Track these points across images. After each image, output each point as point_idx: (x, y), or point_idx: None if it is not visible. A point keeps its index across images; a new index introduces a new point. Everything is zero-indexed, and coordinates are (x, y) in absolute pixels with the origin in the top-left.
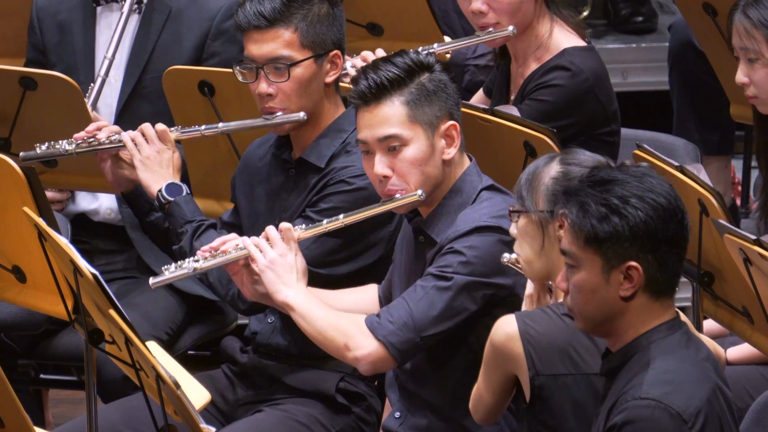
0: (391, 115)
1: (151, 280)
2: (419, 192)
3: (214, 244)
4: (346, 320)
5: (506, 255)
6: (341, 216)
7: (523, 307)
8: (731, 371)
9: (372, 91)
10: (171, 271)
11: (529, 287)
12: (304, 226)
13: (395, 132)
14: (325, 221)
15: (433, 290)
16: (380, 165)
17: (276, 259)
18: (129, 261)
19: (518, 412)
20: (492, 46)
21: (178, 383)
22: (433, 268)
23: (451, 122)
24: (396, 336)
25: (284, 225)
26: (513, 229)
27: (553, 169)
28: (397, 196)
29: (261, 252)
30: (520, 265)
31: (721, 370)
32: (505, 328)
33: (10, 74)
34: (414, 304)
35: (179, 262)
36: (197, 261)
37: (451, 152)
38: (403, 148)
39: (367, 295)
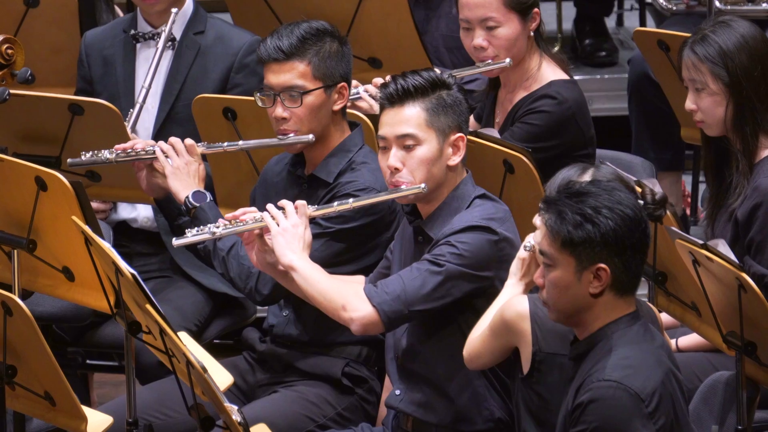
0: (411, 117)
1: (174, 241)
2: (423, 185)
3: (236, 213)
4: (345, 285)
5: (528, 242)
6: (351, 200)
7: (512, 267)
8: (682, 357)
9: (399, 93)
10: (193, 234)
11: (522, 252)
12: (316, 206)
13: (412, 131)
14: (335, 203)
15: (426, 272)
16: (394, 158)
17: (288, 227)
18: (163, 262)
19: (513, 382)
20: (489, 76)
21: (205, 368)
22: (429, 255)
23: (460, 134)
24: (388, 305)
25: (300, 201)
26: (537, 221)
27: (585, 178)
28: (403, 187)
29: (275, 221)
30: (535, 252)
31: (673, 356)
32: (517, 306)
33: (61, 101)
34: (408, 281)
35: (201, 227)
36: (217, 227)
37: (455, 160)
38: (416, 147)
39: (354, 282)
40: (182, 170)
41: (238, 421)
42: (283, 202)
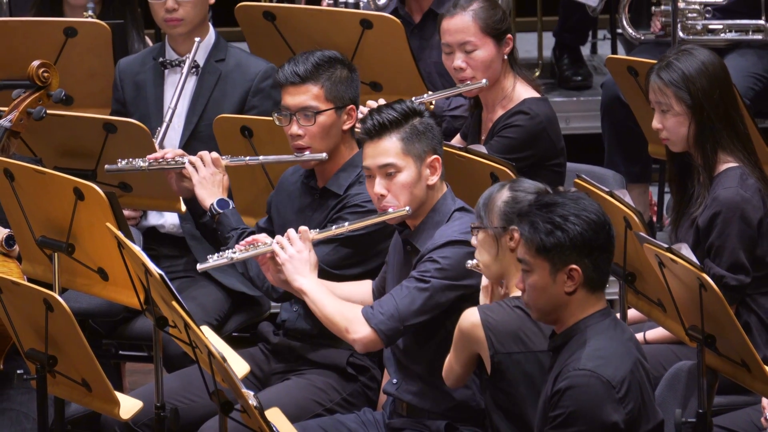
0: (389, 148)
1: (198, 266)
2: (407, 208)
3: (249, 239)
4: (347, 309)
5: (470, 261)
6: (346, 223)
7: (480, 297)
8: (649, 348)
9: (376, 128)
10: (214, 260)
11: (484, 281)
12: (318, 229)
13: (392, 161)
14: (333, 226)
15: (415, 290)
16: (379, 186)
17: (294, 254)
18: (188, 264)
19: (482, 383)
20: (469, 95)
21: (224, 358)
22: (416, 272)
23: (435, 156)
24: (384, 324)
25: (302, 228)
26: (474, 241)
27: (504, 194)
28: (390, 210)
29: (282, 248)
30: (480, 268)
31: (641, 348)
32: (470, 318)
33: (96, 121)
34: (399, 300)
35: (220, 253)
36: (234, 252)
37: (434, 179)
38: (397, 174)
39: (362, 288)
40: (208, 180)
41: (254, 405)
42: (289, 231)
